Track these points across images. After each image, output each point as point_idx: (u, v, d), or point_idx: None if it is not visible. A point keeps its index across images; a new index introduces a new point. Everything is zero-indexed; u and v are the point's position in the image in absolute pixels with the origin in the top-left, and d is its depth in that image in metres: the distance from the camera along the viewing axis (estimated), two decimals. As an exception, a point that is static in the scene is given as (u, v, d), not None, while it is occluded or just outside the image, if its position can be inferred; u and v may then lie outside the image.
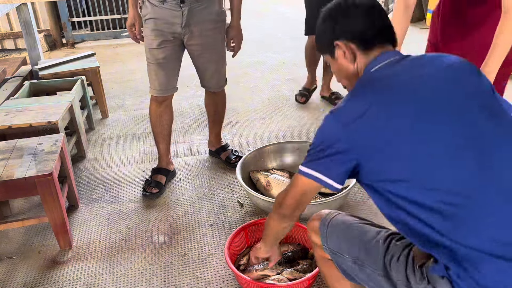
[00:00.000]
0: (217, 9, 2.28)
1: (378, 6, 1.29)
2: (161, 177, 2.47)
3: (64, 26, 5.46)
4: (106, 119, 3.40)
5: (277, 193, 2.16)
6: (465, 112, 1.10)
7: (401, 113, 1.09)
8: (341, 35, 1.26)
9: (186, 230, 2.14)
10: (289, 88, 3.92)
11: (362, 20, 1.25)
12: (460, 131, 1.07)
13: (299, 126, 3.18)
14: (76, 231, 2.16)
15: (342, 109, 1.17)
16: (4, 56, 4.94)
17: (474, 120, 1.09)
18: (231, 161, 2.64)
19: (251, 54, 5.04)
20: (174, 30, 2.19)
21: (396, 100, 1.12)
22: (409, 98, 1.11)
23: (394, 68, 1.20)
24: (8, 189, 1.84)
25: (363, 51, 1.25)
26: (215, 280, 1.83)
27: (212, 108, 2.63)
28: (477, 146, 1.06)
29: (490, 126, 1.09)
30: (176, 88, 2.39)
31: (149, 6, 2.18)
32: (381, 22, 1.26)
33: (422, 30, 5.82)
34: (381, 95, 1.14)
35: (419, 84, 1.14)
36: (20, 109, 2.53)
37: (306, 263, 1.79)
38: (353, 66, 1.28)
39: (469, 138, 1.07)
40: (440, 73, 1.17)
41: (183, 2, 2.13)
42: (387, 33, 1.28)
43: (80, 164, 2.76)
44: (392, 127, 1.09)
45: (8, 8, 3.64)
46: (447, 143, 1.06)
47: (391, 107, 1.11)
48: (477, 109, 1.11)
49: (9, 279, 1.88)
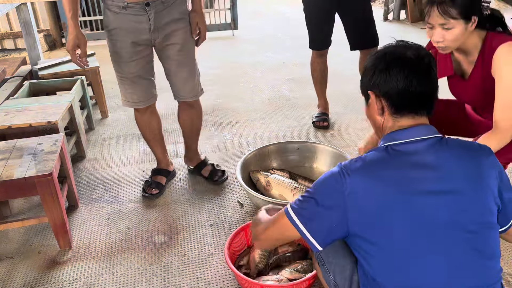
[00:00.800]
0: (184, 8, 2.10)
1: (426, 66, 1.20)
2: (161, 177, 2.44)
3: (64, 26, 5.45)
4: (106, 119, 3.40)
5: (277, 193, 2.19)
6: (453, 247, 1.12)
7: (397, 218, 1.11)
8: (375, 87, 1.22)
9: (186, 230, 2.14)
10: (289, 88, 3.93)
11: (398, 81, 1.17)
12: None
13: (299, 126, 3.18)
14: (76, 231, 2.16)
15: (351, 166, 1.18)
16: (4, 56, 4.94)
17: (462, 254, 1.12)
18: (215, 178, 2.46)
19: (251, 54, 5.05)
20: (142, 37, 2.02)
21: (397, 202, 1.12)
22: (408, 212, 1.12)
23: (414, 155, 1.15)
24: (8, 189, 1.84)
25: (392, 113, 1.21)
26: (215, 280, 1.83)
27: (188, 122, 2.41)
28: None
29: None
30: (155, 96, 2.25)
31: (110, 15, 1.99)
32: (419, 88, 1.17)
33: (422, 30, 5.82)
34: (387, 187, 1.13)
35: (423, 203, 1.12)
36: (20, 109, 2.53)
37: (306, 263, 1.79)
38: (380, 120, 1.25)
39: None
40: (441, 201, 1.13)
41: (148, 5, 1.96)
42: (424, 101, 1.20)
43: (80, 164, 2.76)
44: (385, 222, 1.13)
45: (8, 8, 3.64)
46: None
47: (392, 207, 1.12)
48: (468, 247, 1.12)
49: (9, 279, 1.88)
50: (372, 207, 1.13)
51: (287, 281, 1.67)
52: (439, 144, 1.17)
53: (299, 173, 2.43)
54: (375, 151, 1.20)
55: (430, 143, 1.17)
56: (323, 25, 2.96)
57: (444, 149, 1.17)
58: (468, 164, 1.16)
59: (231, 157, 2.78)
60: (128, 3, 1.95)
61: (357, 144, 2.87)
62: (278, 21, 6.80)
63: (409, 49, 1.21)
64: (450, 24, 1.63)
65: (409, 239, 1.11)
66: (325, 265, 1.35)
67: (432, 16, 1.66)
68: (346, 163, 1.18)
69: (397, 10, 6.47)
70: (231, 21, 5.94)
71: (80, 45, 2.00)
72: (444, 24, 1.65)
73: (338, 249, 1.31)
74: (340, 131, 3.08)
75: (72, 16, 1.96)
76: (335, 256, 1.31)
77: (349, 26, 2.94)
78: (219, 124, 3.26)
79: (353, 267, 1.27)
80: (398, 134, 1.19)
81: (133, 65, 2.07)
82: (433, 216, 1.11)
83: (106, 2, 1.99)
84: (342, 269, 1.29)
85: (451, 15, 1.62)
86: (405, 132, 1.19)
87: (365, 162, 1.17)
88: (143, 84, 2.14)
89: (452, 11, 1.61)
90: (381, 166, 1.15)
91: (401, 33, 5.69)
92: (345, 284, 1.28)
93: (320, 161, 2.45)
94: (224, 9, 5.93)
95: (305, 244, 1.88)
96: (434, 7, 1.64)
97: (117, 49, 2.05)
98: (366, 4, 2.90)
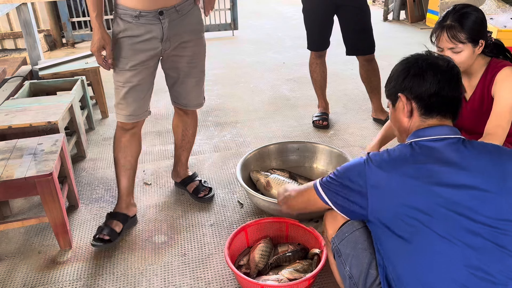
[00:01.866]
0: (199, 18, 2.04)
1: (456, 74, 1.29)
2: (116, 223, 2.07)
3: (64, 26, 5.46)
4: (106, 119, 3.40)
5: (277, 193, 2.18)
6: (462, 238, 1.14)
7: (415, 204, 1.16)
8: (407, 90, 1.30)
9: (186, 230, 2.14)
10: (289, 88, 3.93)
11: (431, 85, 1.26)
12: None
13: (299, 126, 3.18)
14: (76, 231, 2.16)
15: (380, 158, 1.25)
16: (4, 56, 4.94)
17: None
18: (199, 194, 2.33)
19: (251, 54, 5.05)
20: (152, 46, 1.92)
21: (416, 191, 1.17)
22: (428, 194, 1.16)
23: (438, 151, 1.21)
24: (8, 189, 1.84)
25: (421, 115, 1.29)
26: (215, 280, 1.83)
27: (182, 132, 2.31)
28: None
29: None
30: (149, 112, 2.08)
31: (121, 24, 1.88)
32: (449, 93, 1.27)
33: (422, 30, 5.82)
34: (406, 180, 1.18)
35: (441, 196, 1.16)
36: (20, 109, 2.53)
37: (306, 263, 1.79)
38: (408, 122, 1.32)
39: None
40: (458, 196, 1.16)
41: (162, 13, 1.87)
42: (452, 105, 1.29)
43: (80, 164, 2.76)
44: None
45: (8, 8, 3.64)
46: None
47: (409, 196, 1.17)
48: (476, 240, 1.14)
49: (9, 279, 1.88)
50: (393, 198, 1.18)
51: (287, 281, 1.67)
52: (462, 143, 1.23)
53: (299, 173, 2.43)
54: (400, 146, 1.26)
55: (453, 142, 1.23)
56: (321, 26, 2.97)
57: (467, 149, 1.22)
58: (491, 164, 1.19)
59: (231, 157, 2.79)
60: (140, 11, 1.84)
61: (357, 144, 2.88)
62: (278, 21, 6.80)
63: (439, 59, 1.31)
64: (459, 48, 1.73)
65: (430, 228, 1.14)
66: (342, 256, 1.35)
67: (442, 40, 1.75)
68: (373, 154, 1.25)
69: (397, 10, 6.47)
70: (231, 21, 5.94)
71: (106, 46, 1.88)
72: (453, 48, 1.74)
73: (358, 241, 1.32)
74: (340, 131, 3.08)
75: (96, 16, 1.85)
76: (354, 248, 1.33)
77: (346, 32, 2.93)
78: (219, 124, 3.27)
79: (370, 261, 1.28)
80: (423, 131, 1.27)
81: (134, 74, 1.93)
82: (454, 208, 1.14)
83: (118, 11, 1.88)
84: (359, 261, 1.30)
85: (460, 40, 1.71)
86: (430, 129, 1.27)
87: (390, 156, 1.23)
88: (139, 96, 1.98)
89: (461, 36, 1.70)
90: (405, 161, 1.21)
91: (401, 33, 5.70)
92: (360, 276, 1.29)
93: (320, 161, 2.46)
94: (224, 9, 5.93)
95: (306, 244, 1.90)
96: (444, 32, 1.73)
97: (122, 56, 1.91)
98: (364, 12, 2.87)
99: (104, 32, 1.87)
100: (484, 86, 1.84)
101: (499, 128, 1.75)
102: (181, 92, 2.15)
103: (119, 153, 2.08)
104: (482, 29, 1.74)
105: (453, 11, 1.75)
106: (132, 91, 1.95)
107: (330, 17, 2.93)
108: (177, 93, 2.16)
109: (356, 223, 1.36)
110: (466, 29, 1.70)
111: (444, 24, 1.73)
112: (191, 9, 1.98)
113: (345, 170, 1.29)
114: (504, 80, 1.77)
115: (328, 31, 2.99)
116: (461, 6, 1.75)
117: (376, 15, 2.98)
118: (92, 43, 1.89)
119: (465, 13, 1.72)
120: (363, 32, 2.89)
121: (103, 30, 1.86)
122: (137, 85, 1.95)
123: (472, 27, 1.71)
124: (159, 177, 2.60)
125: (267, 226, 1.95)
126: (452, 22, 1.72)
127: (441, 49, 1.78)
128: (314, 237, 1.85)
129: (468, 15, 1.71)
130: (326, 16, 2.92)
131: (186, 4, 1.95)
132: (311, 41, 3.06)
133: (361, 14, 2.86)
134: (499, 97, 1.78)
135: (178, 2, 1.91)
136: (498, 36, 3.96)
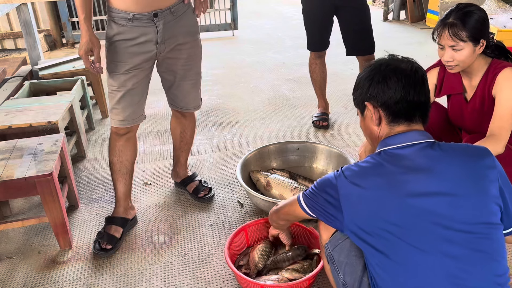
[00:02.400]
0: (194, 20, 2.01)
1: (421, 77, 1.25)
2: (115, 228, 2.05)
3: (64, 26, 5.46)
4: (106, 119, 3.40)
5: (277, 193, 2.20)
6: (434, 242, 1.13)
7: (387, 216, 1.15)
8: (372, 98, 1.26)
9: (186, 230, 2.14)
10: (289, 88, 3.93)
11: (396, 91, 1.22)
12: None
13: (299, 126, 3.18)
14: (76, 231, 2.16)
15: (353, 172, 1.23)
16: (4, 56, 4.94)
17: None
18: (199, 194, 2.33)
19: (251, 54, 5.05)
20: (147, 49, 1.89)
21: (389, 198, 1.15)
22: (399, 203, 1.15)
23: (407, 159, 1.19)
24: (8, 189, 1.84)
25: (389, 122, 1.26)
26: (215, 280, 1.83)
27: (180, 134, 2.30)
28: None
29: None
30: (144, 116, 2.04)
31: (115, 27, 1.85)
32: (415, 97, 1.23)
33: (422, 30, 5.82)
34: (380, 188, 1.17)
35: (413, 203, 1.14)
36: (20, 109, 2.53)
37: (306, 263, 1.79)
38: (377, 130, 1.29)
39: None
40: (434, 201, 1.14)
41: (156, 15, 1.84)
42: (419, 109, 1.25)
43: (80, 164, 2.76)
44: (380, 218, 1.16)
45: (8, 8, 3.64)
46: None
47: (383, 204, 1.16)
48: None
49: (9, 279, 1.88)
50: (366, 212, 1.16)
51: (287, 281, 1.67)
52: (431, 147, 1.20)
53: (299, 173, 2.43)
54: (369, 157, 1.24)
55: (422, 147, 1.20)
56: (321, 27, 2.96)
57: (437, 152, 1.18)
58: (462, 166, 1.17)
59: (231, 157, 2.79)
60: (134, 14, 1.82)
61: (357, 144, 2.87)
62: (278, 21, 6.80)
63: (402, 62, 1.27)
64: (460, 46, 1.73)
65: (406, 241, 1.12)
66: (335, 263, 1.35)
67: (443, 38, 1.75)
68: (345, 167, 1.24)
69: (397, 10, 6.47)
70: (231, 21, 5.94)
71: (94, 49, 1.84)
72: (454, 46, 1.74)
73: (351, 248, 1.31)
74: (340, 131, 3.08)
75: (85, 18, 1.81)
76: (347, 255, 1.31)
77: (346, 33, 2.93)
78: (219, 124, 3.27)
79: (364, 269, 1.27)
80: (391, 139, 1.23)
81: (128, 78, 1.89)
82: (428, 217, 1.11)
83: (111, 14, 1.86)
84: (353, 269, 1.29)
85: (461, 38, 1.71)
86: (398, 137, 1.23)
87: (359, 167, 1.21)
88: (134, 100, 1.95)
89: (462, 34, 1.71)
90: (374, 171, 1.19)
91: (401, 33, 5.70)
92: (354, 284, 1.28)
93: (320, 161, 2.46)
94: (224, 9, 5.93)
95: (305, 244, 1.89)
96: (446, 29, 1.74)
97: (116, 59, 1.88)
98: (364, 12, 2.87)
99: (92, 35, 1.83)
100: (485, 87, 1.85)
101: (502, 129, 1.76)
102: (178, 95, 2.13)
103: (114, 158, 2.05)
104: (484, 28, 1.75)
105: (456, 9, 1.75)
106: (127, 95, 1.92)
107: (329, 18, 2.92)
108: (174, 96, 2.15)
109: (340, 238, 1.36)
110: (467, 27, 1.70)
111: (447, 22, 1.74)
112: (186, 10, 1.96)
113: (321, 182, 1.28)
114: (505, 81, 1.77)
115: (328, 32, 2.99)
116: (464, 5, 1.75)
117: (376, 15, 2.99)
118: (79, 46, 1.85)
119: (468, 11, 1.72)
120: (363, 32, 2.89)
121: (91, 33, 1.83)
122: (131, 89, 1.92)
123: (474, 26, 1.71)
124: (159, 177, 2.60)
125: (267, 226, 1.95)
126: (454, 20, 1.72)
127: (442, 46, 1.78)
128: (314, 237, 1.85)
129: (471, 14, 1.72)
130: (325, 17, 2.92)
131: (181, 6, 1.93)
132: (311, 41, 3.06)
133: (361, 15, 2.86)
134: (501, 98, 1.78)
135: (172, 4, 1.88)
136: (498, 36, 3.96)
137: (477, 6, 1.77)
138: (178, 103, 2.16)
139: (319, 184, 1.29)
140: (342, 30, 2.94)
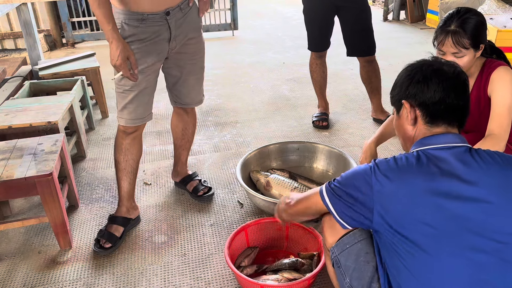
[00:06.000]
0: (197, 16, 2.03)
1: (462, 81, 1.25)
2: (116, 227, 2.07)
3: (64, 26, 5.46)
4: (106, 119, 3.40)
5: (277, 193, 2.20)
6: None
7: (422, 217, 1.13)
8: (411, 97, 1.26)
9: (186, 230, 2.14)
10: (289, 88, 3.93)
11: (436, 92, 1.22)
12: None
13: (299, 126, 3.18)
14: (76, 231, 2.16)
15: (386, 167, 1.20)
16: (4, 56, 4.94)
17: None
18: (199, 192, 2.33)
19: (251, 54, 5.05)
20: (160, 48, 1.90)
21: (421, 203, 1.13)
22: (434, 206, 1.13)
23: (445, 161, 1.17)
24: (8, 189, 1.84)
25: (426, 123, 1.25)
26: (215, 280, 1.83)
27: (181, 132, 2.31)
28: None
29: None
30: (151, 115, 2.06)
31: (127, 28, 1.83)
32: (455, 101, 1.23)
33: (422, 30, 5.82)
34: (415, 185, 1.15)
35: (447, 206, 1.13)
36: (20, 109, 2.53)
37: (306, 263, 1.79)
38: (412, 130, 1.28)
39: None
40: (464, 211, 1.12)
41: (169, 13, 1.85)
42: (457, 113, 1.25)
43: (80, 164, 2.76)
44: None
45: (8, 8, 3.64)
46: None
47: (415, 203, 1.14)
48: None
49: (9, 279, 1.88)
50: (399, 209, 1.14)
51: (287, 281, 1.67)
52: (468, 153, 1.19)
53: (299, 173, 2.43)
54: (407, 155, 1.21)
55: (460, 151, 1.19)
56: (322, 27, 2.96)
57: (474, 158, 1.18)
58: (499, 174, 1.16)
59: (231, 157, 2.79)
60: (148, 14, 1.81)
61: (357, 144, 2.87)
62: (278, 21, 6.80)
63: (445, 65, 1.27)
64: (462, 53, 1.75)
65: (437, 242, 1.11)
66: (342, 267, 1.32)
67: (446, 45, 1.76)
68: (379, 161, 1.21)
69: (397, 10, 6.47)
70: (231, 21, 5.94)
71: (130, 56, 1.80)
72: (456, 53, 1.76)
73: (360, 254, 1.29)
74: (340, 131, 3.08)
75: (112, 28, 1.74)
76: (355, 261, 1.29)
77: (346, 33, 2.93)
78: (219, 124, 3.27)
79: (373, 275, 1.26)
80: (429, 140, 1.23)
81: (143, 78, 1.90)
82: (461, 222, 1.11)
83: (120, 16, 1.83)
84: (361, 274, 1.28)
85: (464, 46, 1.73)
86: (436, 138, 1.23)
87: (396, 164, 1.19)
88: (144, 100, 1.97)
89: (466, 42, 1.73)
90: (412, 171, 1.17)
91: (401, 33, 5.70)
92: None
93: (320, 161, 2.46)
94: (224, 9, 5.93)
95: (305, 243, 1.89)
96: (449, 37, 1.75)
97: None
98: (365, 13, 2.87)
99: (125, 42, 1.79)
100: (480, 86, 1.86)
101: (501, 128, 1.77)
102: (183, 90, 2.14)
103: (120, 156, 2.05)
104: (483, 33, 1.77)
105: (457, 15, 1.75)
106: (140, 94, 1.93)
107: (330, 18, 2.92)
108: (178, 92, 2.16)
109: (357, 234, 1.31)
110: (470, 35, 1.72)
111: (449, 30, 1.74)
112: (192, 7, 1.99)
113: (350, 177, 1.24)
114: (500, 79, 1.79)
115: (329, 32, 2.99)
116: (464, 11, 1.76)
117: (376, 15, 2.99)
118: (112, 57, 1.77)
119: (468, 18, 1.73)
120: (364, 33, 2.89)
121: (123, 41, 1.78)
122: (144, 89, 1.93)
123: (475, 33, 1.73)
124: (159, 177, 2.60)
125: (267, 226, 1.95)
126: (456, 27, 1.73)
127: (443, 53, 1.78)
128: (314, 237, 1.85)
129: (472, 21, 1.73)
130: (326, 17, 2.92)
131: (187, 3, 1.95)
132: (311, 41, 3.06)
133: (362, 15, 2.86)
134: (496, 97, 1.79)
135: (181, 1, 1.91)
136: (498, 36, 3.96)
137: (476, 11, 1.79)
138: (183, 99, 2.17)
139: (347, 177, 1.24)
140: (343, 31, 2.94)
